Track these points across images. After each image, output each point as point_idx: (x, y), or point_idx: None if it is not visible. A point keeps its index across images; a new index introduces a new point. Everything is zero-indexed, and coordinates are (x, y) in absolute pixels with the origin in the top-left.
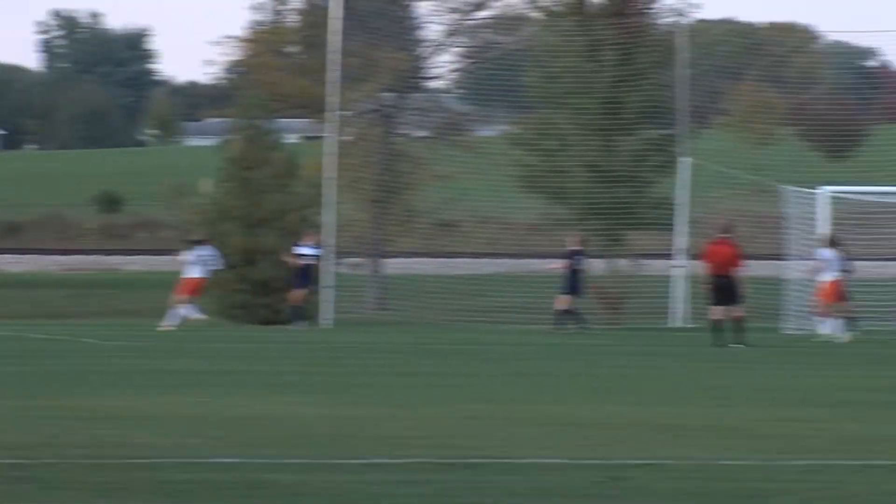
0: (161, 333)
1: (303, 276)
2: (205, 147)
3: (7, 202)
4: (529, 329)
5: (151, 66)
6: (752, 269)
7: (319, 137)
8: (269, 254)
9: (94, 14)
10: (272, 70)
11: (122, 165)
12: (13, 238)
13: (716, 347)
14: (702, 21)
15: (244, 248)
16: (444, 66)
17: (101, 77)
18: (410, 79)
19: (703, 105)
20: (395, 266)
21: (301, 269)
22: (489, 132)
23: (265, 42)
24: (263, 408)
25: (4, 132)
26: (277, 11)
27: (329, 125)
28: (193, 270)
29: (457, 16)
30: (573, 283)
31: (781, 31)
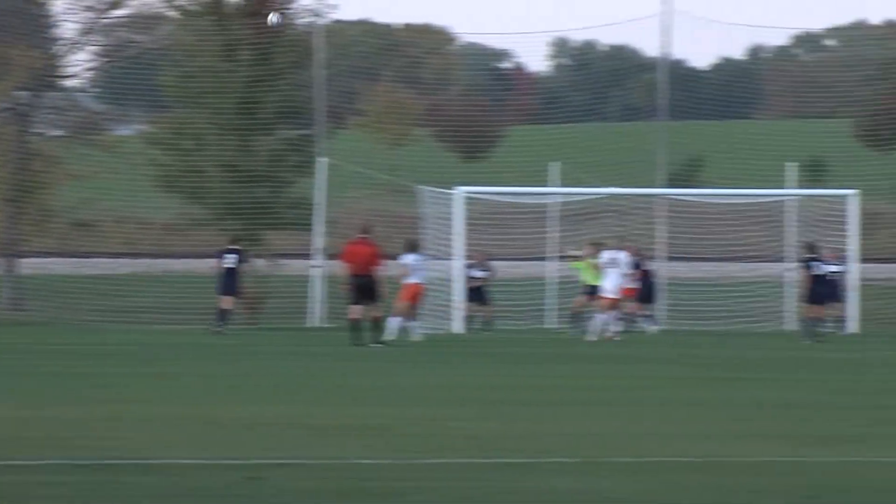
0: None
1: None
2: None
3: None
4: (171, 329)
5: None
6: (392, 269)
7: None
8: None
9: None
10: None
11: None
12: None
13: (354, 347)
14: (338, 22)
15: None
16: (80, 65)
17: None
18: (45, 77)
19: (340, 105)
20: (31, 266)
21: None
22: (126, 131)
23: None
24: None
25: None
26: None
27: None
28: None
29: (92, 14)
30: (229, 283)
31: (417, 33)
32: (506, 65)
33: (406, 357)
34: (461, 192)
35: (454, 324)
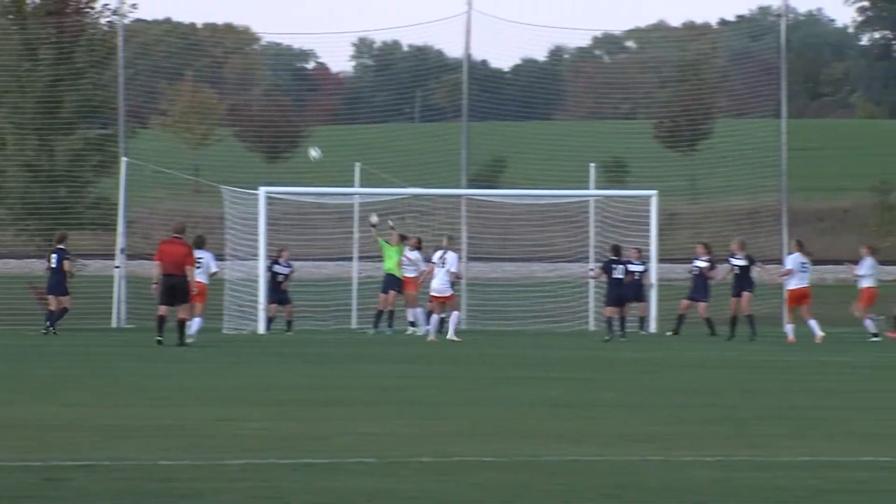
0: None
1: None
2: None
3: None
4: None
5: None
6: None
7: None
8: None
9: None
10: None
11: None
12: None
13: (157, 346)
14: (140, 21)
15: None
16: None
17: None
18: None
19: (142, 105)
20: None
21: None
22: None
23: None
24: None
25: None
26: None
27: None
28: None
29: None
30: (56, 283)
31: (220, 32)
32: (309, 65)
33: (208, 358)
34: (263, 192)
35: (257, 324)
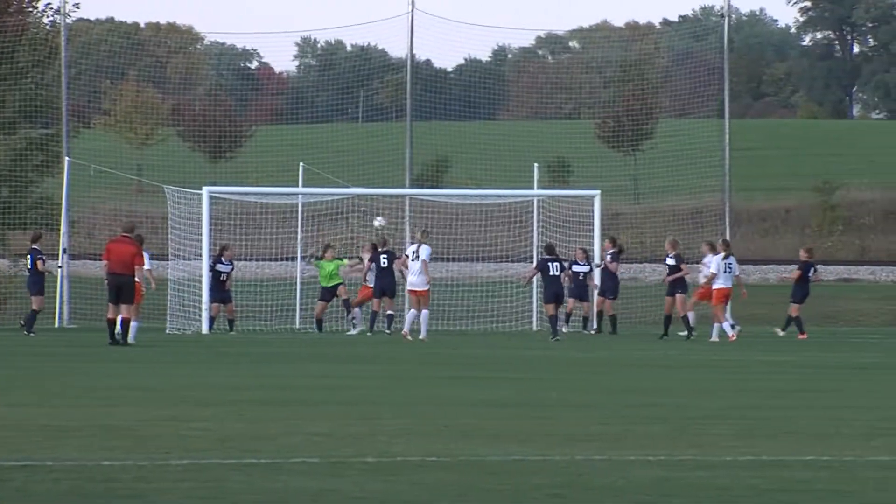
0: None
1: None
2: None
3: None
4: None
5: None
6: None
7: None
8: None
9: None
10: None
11: None
12: None
13: (111, 346)
14: (83, 20)
15: None
16: None
17: None
18: None
19: (85, 104)
20: None
21: None
22: None
23: None
24: None
25: None
26: None
27: None
28: None
29: None
30: (35, 282)
31: (163, 32)
32: (252, 64)
33: (152, 358)
34: (207, 192)
35: (200, 324)
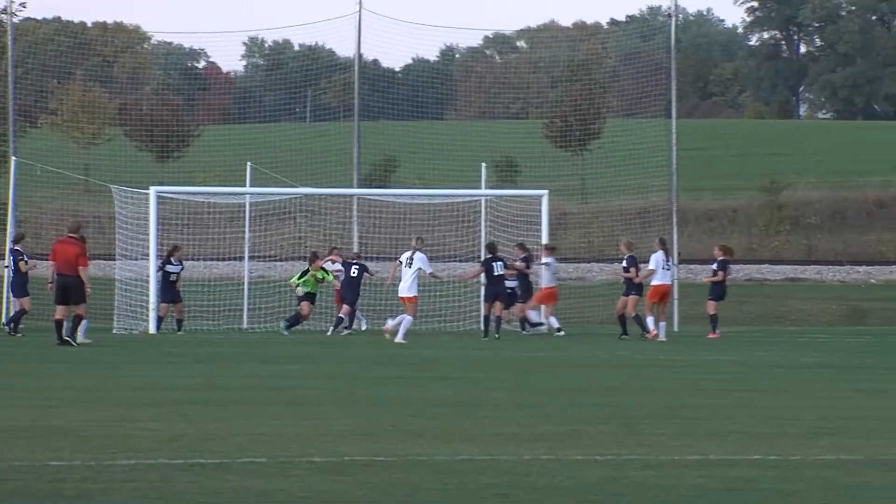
0: None
1: None
2: None
3: None
4: None
5: None
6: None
7: None
8: None
9: None
10: None
11: None
12: None
13: (59, 346)
14: (30, 19)
15: None
16: None
17: None
18: None
19: (32, 104)
20: None
21: None
22: None
23: None
24: None
25: None
26: None
27: None
28: None
29: None
30: (20, 284)
31: (110, 31)
32: (199, 64)
33: (99, 358)
34: (154, 192)
35: (148, 324)
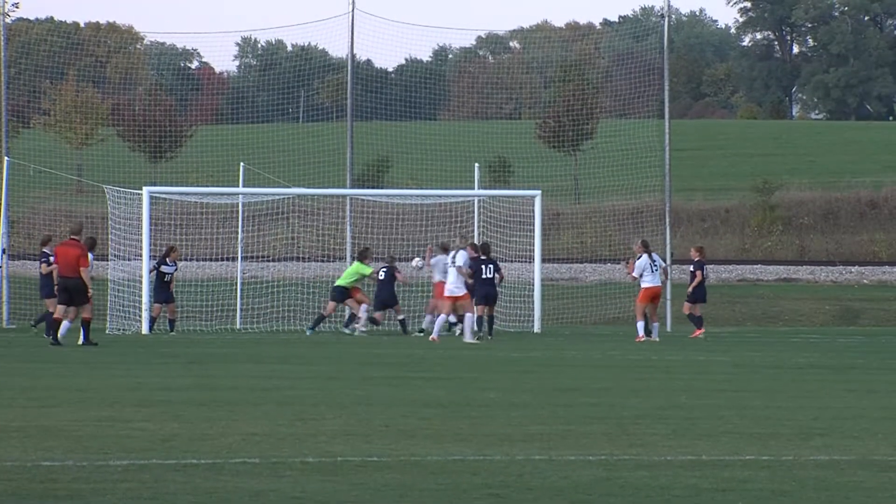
0: None
1: None
2: None
3: None
4: None
5: None
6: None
7: None
8: None
9: None
10: None
11: None
12: None
13: (55, 346)
14: (22, 20)
15: None
16: None
17: None
18: None
19: (25, 104)
20: None
21: None
22: None
23: None
24: None
25: None
26: None
27: None
28: None
29: None
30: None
31: (103, 31)
32: (192, 64)
33: (92, 358)
34: (147, 192)
35: (140, 324)
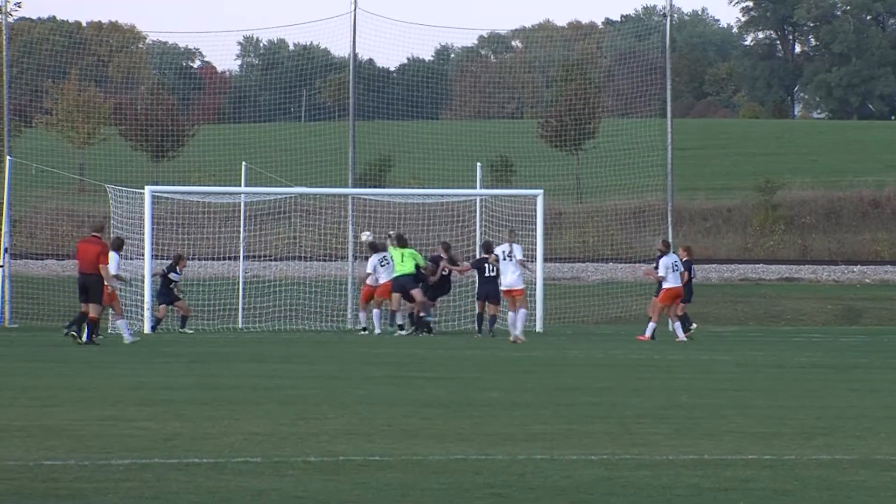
0: None
1: None
2: None
3: None
4: None
5: None
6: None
7: None
8: None
9: None
10: None
11: None
12: None
13: (92, 344)
14: (25, 19)
15: None
16: None
17: None
18: None
19: (27, 103)
20: None
21: None
22: None
23: None
24: None
25: None
26: None
27: None
28: None
29: None
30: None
31: (105, 31)
32: (194, 63)
33: (93, 357)
34: (149, 191)
35: (142, 323)
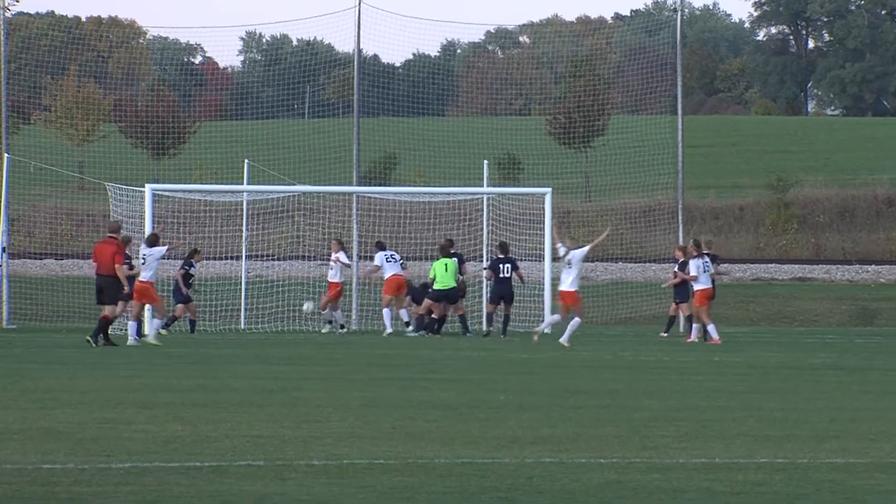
0: None
1: None
2: None
3: None
4: None
5: None
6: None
7: None
8: None
9: None
10: None
11: None
12: None
13: (109, 346)
14: (23, 14)
15: None
16: None
17: None
18: None
19: (25, 100)
20: None
21: None
22: None
23: None
24: None
25: None
26: None
27: None
28: None
29: None
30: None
31: (105, 26)
32: (196, 59)
33: (93, 359)
34: (150, 189)
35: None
